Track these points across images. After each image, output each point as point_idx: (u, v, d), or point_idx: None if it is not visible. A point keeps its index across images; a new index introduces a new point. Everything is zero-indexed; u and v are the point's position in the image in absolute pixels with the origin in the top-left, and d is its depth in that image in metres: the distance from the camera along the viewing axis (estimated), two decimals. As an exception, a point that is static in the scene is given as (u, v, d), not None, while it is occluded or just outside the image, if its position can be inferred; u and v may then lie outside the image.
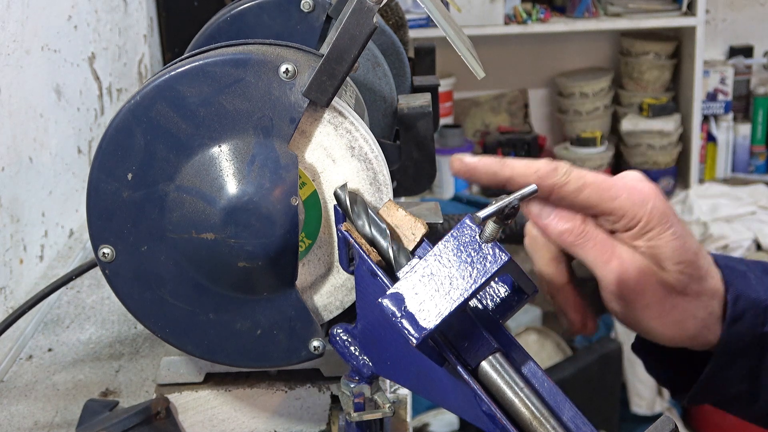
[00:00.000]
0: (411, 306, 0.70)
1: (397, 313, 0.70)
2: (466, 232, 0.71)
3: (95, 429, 0.98)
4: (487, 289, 0.76)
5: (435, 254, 0.71)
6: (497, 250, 0.69)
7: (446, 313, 0.69)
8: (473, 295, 0.69)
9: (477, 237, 0.70)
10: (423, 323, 0.69)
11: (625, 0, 3.46)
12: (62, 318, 1.36)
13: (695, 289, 0.80)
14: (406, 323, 0.70)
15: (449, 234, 0.71)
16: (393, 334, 0.75)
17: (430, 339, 0.71)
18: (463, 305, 0.70)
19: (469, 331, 0.73)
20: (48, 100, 1.61)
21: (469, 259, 0.70)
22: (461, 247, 0.70)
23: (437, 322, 0.69)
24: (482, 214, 0.69)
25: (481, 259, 0.70)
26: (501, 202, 0.69)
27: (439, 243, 0.72)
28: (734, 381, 0.83)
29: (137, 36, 2.29)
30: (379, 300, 0.72)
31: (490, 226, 0.70)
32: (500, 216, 0.69)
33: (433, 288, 0.70)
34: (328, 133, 0.88)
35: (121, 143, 0.85)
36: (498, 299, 0.76)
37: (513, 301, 0.76)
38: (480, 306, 0.76)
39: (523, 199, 0.69)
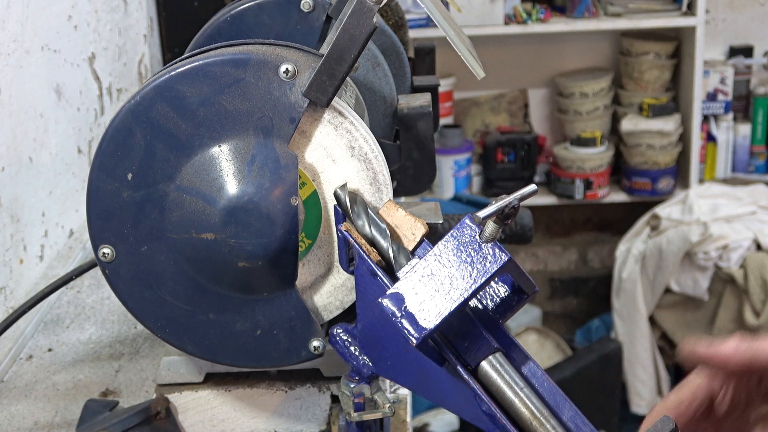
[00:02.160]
0: (411, 306, 0.70)
1: (397, 313, 0.70)
2: (466, 232, 0.71)
3: (95, 429, 0.98)
4: (487, 289, 0.76)
5: (435, 254, 0.71)
6: (497, 250, 0.69)
7: (446, 313, 0.69)
8: (473, 295, 0.69)
9: (477, 237, 0.70)
10: (423, 323, 0.69)
11: (625, 0, 3.46)
12: (62, 318, 1.36)
13: None
14: (406, 323, 0.70)
15: (449, 234, 0.71)
16: (393, 334, 0.75)
17: (430, 339, 0.71)
18: (463, 305, 0.70)
19: (469, 331, 0.73)
20: (48, 100, 1.61)
21: (469, 259, 0.70)
22: (461, 247, 0.70)
23: (437, 322, 0.69)
24: (482, 214, 0.69)
25: (481, 259, 0.69)
26: (501, 202, 0.69)
27: (439, 243, 0.72)
28: None
29: (137, 36, 2.29)
30: (379, 300, 0.72)
31: (490, 226, 0.70)
32: (500, 216, 0.69)
33: (433, 288, 0.70)
34: (328, 133, 0.88)
35: (121, 143, 0.85)
36: (498, 299, 0.76)
37: (513, 301, 0.76)
38: (480, 306, 0.76)
39: (523, 199, 0.69)
